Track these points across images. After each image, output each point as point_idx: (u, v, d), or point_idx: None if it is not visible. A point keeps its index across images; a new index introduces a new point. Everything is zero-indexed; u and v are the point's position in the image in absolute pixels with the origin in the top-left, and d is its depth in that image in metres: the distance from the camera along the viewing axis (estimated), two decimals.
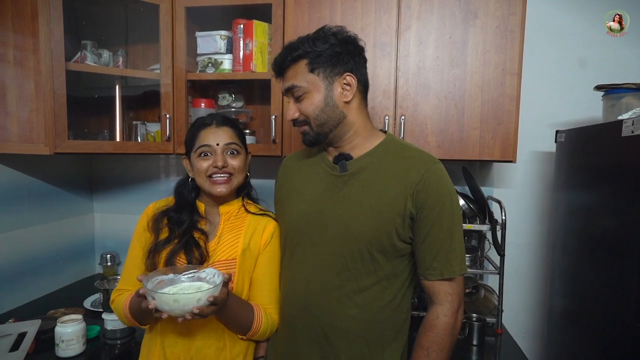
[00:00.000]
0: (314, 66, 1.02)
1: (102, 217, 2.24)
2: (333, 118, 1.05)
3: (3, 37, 1.52)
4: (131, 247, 1.19)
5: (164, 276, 1.02)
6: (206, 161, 1.13)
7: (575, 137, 1.58)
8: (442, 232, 1.01)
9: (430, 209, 1.00)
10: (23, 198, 1.79)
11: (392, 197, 1.02)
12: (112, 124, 1.86)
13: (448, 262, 1.01)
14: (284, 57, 1.06)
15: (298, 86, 1.04)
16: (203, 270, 1.04)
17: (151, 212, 1.19)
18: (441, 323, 1.01)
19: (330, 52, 1.02)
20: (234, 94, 1.89)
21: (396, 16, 1.55)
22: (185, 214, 1.16)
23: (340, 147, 1.10)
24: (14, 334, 1.28)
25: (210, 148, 1.13)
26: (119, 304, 1.13)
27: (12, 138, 1.56)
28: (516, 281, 1.93)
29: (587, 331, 1.45)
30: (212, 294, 0.92)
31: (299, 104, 1.06)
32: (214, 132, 1.14)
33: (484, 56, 1.52)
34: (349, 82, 1.04)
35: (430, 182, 1.01)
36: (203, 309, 0.92)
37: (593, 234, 1.44)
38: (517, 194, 1.91)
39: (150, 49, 1.90)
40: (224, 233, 1.17)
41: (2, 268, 1.70)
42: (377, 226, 1.01)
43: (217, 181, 1.13)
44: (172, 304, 0.91)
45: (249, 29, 1.69)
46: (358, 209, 1.03)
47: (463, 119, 1.55)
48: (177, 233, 1.13)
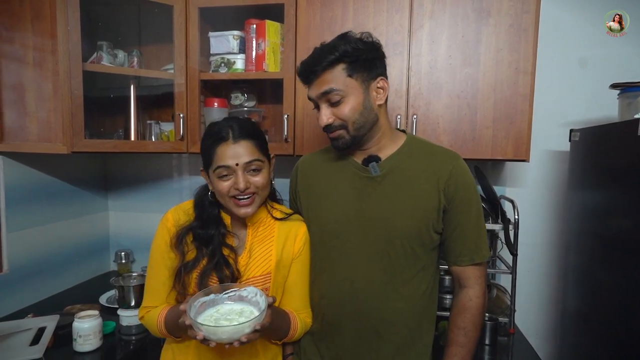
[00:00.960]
0: (351, 71, 1.03)
1: (116, 215, 2.28)
2: (369, 121, 1.07)
3: (23, 39, 1.56)
4: (154, 262, 1.12)
5: (205, 297, 0.98)
6: (226, 182, 1.04)
7: (590, 136, 1.56)
8: (471, 221, 1.10)
9: (459, 200, 1.08)
10: (41, 196, 1.83)
11: (426, 193, 1.08)
12: (127, 124, 1.89)
13: (477, 248, 1.10)
14: (318, 60, 1.04)
15: (337, 89, 1.03)
16: (244, 288, 1.01)
17: (171, 225, 1.10)
18: (474, 304, 1.10)
19: (365, 57, 1.04)
20: (247, 93, 1.90)
21: (408, 15, 1.55)
22: (211, 229, 1.09)
23: (368, 149, 1.13)
24: (34, 328, 1.31)
25: (229, 169, 1.03)
26: (150, 320, 1.10)
27: (31, 137, 1.60)
28: (529, 281, 1.92)
29: (601, 332, 1.44)
30: (258, 322, 0.90)
31: (335, 109, 1.05)
32: (233, 150, 1.02)
33: (497, 55, 1.52)
34: (382, 85, 1.08)
35: (458, 176, 1.09)
36: (250, 336, 0.91)
37: (607, 234, 1.42)
38: (530, 193, 1.89)
39: (164, 50, 1.93)
40: (254, 246, 1.12)
41: (21, 264, 1.74)
42: (416, 222, 1.08)
43: (241, 203, 1.05)
44: (220, 335, 0.89)
45: (261, 29, 1.71)
46: (397, 208, 1.08)
47: (475, 118, 1.55)
48: (205, 251, 1.07)
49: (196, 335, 0.90)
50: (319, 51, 1.06)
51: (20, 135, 1.61)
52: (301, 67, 1.09)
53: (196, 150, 1.78)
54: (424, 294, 1.13)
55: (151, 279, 1.13)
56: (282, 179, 1.40)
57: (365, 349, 1.11)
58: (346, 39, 1.05)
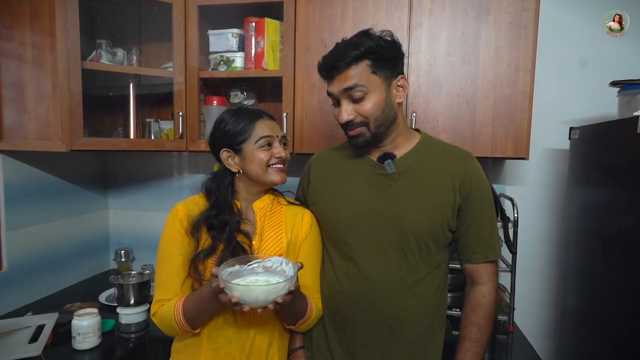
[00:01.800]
0: (376, 68, 1.04)
1: (116, 213, 2.28)
2: (389, 118, 1.09)
3: (22, 37, 1.56)
4: (166, 253, 1.11)
5: (231, 268, 1.00)
6: (268, 151, 1.13)
7: (590, 133, 1.56)
8: (485, 219, 1.12)
9: (474, 199, 1.10)
10: (41, 195, 1.84)
11: (441, 191, 1.10)
12: (126, 122, 1.89)
13: (491, 245, 1.12)
14: (342, 55, 1.03)
15: (361, 85, 1.03)
16: (269, 259, 1.04)
17: (183, 215, 1.11)
18: (487, 301, 1.12)
19: (388, 55, 1.05)
20: (246, 91, 1.90)
21: (408, 13, 1.55)
22: (226, 214, 1.11)
23: (384, 147, 1.14)
24: (33, 326, 1.31)
25: (272, 139, 1.13)
26: (166, 312, 1.07)
27: (31, 135, 1.60)
28: (529, 279, 1.91)
29: (601, 330, 1.44)
30: (292, 284, 0.94)
31: (357, 105, 1.06)
32: (270, 124, 1.14)
33: (496, 53, 1.51)
34: (402, 84, 1.09)
35: (473, 175, 1.11)
36: (285, 298, 0.93)
37: (607, 232, 1.42)
38: (530, 191, 1.89)
39: (164, 48, 1.93)
40: (264, 230, 1.15)
41: (20, 262, 1.74)
42: (432, 219, 1.09)
43: (278, 169, 1.15)
44: (257, 295, 0.90)
45: (260, 27, 1.70)
46: (412, 205, 1.09)
47: (475, 116, 1.54)
48: (222, 238, 1.09)
49: (231, 298, 0.91)
50: (342, 46, 1.05)
51: (19, 134, 1.61)
52: (323, 61, 1.07)
53: (195, 149, 1.78)
54: (436, 292, 1.14)
55: (163, 271, 1.12)
56: None
57: (379, 346, 1.12)
58: (369, 36, 1.05)
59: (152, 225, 2.17)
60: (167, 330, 1.11)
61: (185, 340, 1.14)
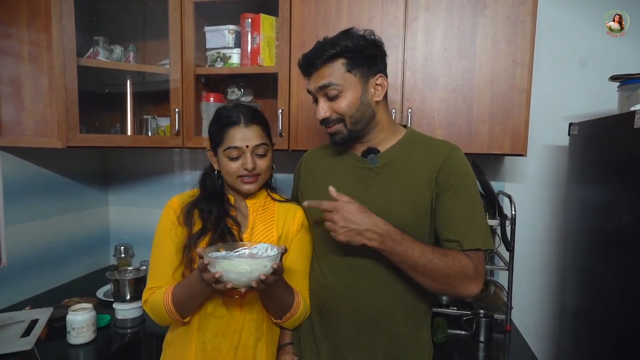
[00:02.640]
0: (351, 66, 1.05)
1: (116, 209, 2.29)
2: (365, 116, 1.08)
3: (19, 34, 1.57)
4: (159, 243, 1.15)
5: (217, 253, 1.01)
6: (235, 163, 1.11)
7: (589, 129, 1.53)
8: (461, 207, 1.06)
9: (449, 186, 1.06)
10: (40, 191, 1.85)
11: (421, 184, 1.08)
12: (123, 119, 1.90)
13: (465, 234, 1.04)
14: (319, 53, 1.06)
15: (335, 84, 1.05)
16: (255, 246, 1.05)
17: (177, 206, 1.16)
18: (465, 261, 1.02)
19: (366, 53, 1.05)
20: (243, 88, 1.90)
21: (403, 8, 1.53)
22: (215, 203, 1.16)
23: (367, 142, 1.14)
24: (27, 320, 1.32)
25: (240, 150, 1.11)
26: (155, 300, 1.09)
27: (28, 132, 1.61)
28: (528, 278, 1.89)
29: (601, 330, 1.41)
30: (275, 262, 0.95)
31: (332, 103, 1.07)
32: (243, 133, 1.11)
33: (493, 47, 1.49)
34: (381, 83, 1.09)
35: (452, 165, 1.08)
36: (268, 276, 0.94)
37: (607, 229, 1.39)
38: (529, 188, 1.86)
39: (161, 45, 1.93)
40: (256, 224, 1.18)
41: (20, 258, 1.76)
42: (413, 212, 1.07)
43: (246, 181, 1.13)
44: (241, 271, 0.92)
45: (256, 23, 1.70)
46: (394, 198, 1.08)
47: (472, 112, 1.52)
48: (211, 223, 1.12)
49: (214, 274, 0.92)
50: (320, 45, 1.07)
51: (17, 130, 1.63)
52: (302, 59, 1.10)
53: (192, 145, 1.79)
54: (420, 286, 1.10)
55: (156, 260, 1.15)
56: (276, 174, 1.38)
57: (364, 341, 1.11)
58: (348, 35, 1.06)
59: (152, 222, 2.11)
60: (157, 318, 1.12)
61: (176, 332, 1.16)
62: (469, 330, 1.55)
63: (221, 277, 0.93)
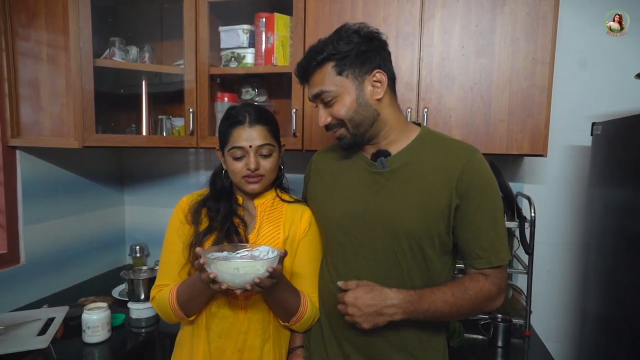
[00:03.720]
0: (341, 68, 1.00)
1: (132, 209, 2.31)
2: (368, 117, 1.03)
3: (37, 35, 1.59)
4: (168, 241, 1.17)
5: (219, 253, 1.02)
6: (239, 162, 1.11)
7: (613, 129, 1.48)
8: (487, 220, 1.02)
9: (473, 198, 1.00)
10: (57, 190, 1.88)
11: (437, 189, 1.02)
12: (139, 119, 1.91)
13: (494, 249, 1.01)
14: (308, 61, 1.03)
15: (327, 91, 1.02)
16: (257, 248, 1.05)
17: (186, 205, 1.18)
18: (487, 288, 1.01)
19: (356, 51, 1.00)
20: (257, 88, 1.89)
21: (420, 5, 1.50)
22: (223, 199, 1.17)
23: (377, 144, 1.09)
24: (43, 319, 1.34)
25: (243, 150, 1.10)
26: (162, 297, 1.11)
27: (46, 132, 1.63)
28: (548, 282, 1.84)
29: (623, 336, 1.36)
30: (271, 265, 0.94)
31: (330, 109, 1.04)
32: (247, 133, 1.10)
33: (512, 45, 1.45)
34: (379, 79, 1.03)
35: (473, 171, 1.01)
36: (263, 279, 0.93)
37: (631, 233, 1.34)
38: (550, 190, 1.81)
39: (176, 45, 1.93)
40: (263, 225, 1.16)
41: (38, 257, 1.78)
42: (426, 220, 1.02)
43: (250, 180, 1.12)
44: (233, 272, 0.92)
45: (270, 22, 1.69)
46: (405, 205, 1.03)
47: (490, 111, 1.49)
48: (218, 221, 1.13)
49: (209, 274, 0.92)
50: (309, 51, 1.04)
51: (35, 130, 1.65)
52: (296, 68, 1.08)
53: (206, 145, 1.79)
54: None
55: (165, 258, 1.17)
56: (290, 174, 1.37)
57: (375, 348, 1.08)
58: (338, 34, 1.02)
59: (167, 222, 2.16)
60: (164, 315, 1.14)
61: (185, 331, 1.17)
62: (486, 335, 1.51)
63: (216, 277, 0.92)
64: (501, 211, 1.05)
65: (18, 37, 1.63)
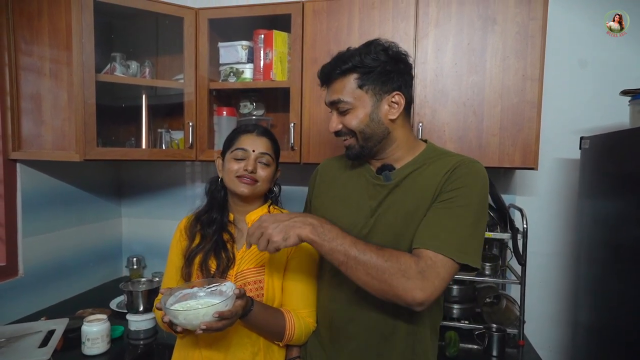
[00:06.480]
0: (363, 82, 1.02)
1: (129, 221, 2.32)
2: (377, 133, 1.05)
3: (41, 51, 1.62)
4: (168, 259, 1.25)
5: (188, 290, 1.04)
6: (238, 163, 1.18)
7: (601, 143, 1.53)
8: (445, 215, 0.97)
9: (446, 192, 0.99)
10: (56, 203, 1.89)
11: (427, 199, 1.02)
12: (138, 132, 1.94)
13: (436, 237, 0.94)
14: (333, 67, 1.05)
15: (344, 101, 1.04)
16: (224, 284, 1.05)
17: (183, 226, 1.26)
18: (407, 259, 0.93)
19: (381, 69, 1.01)
20: (255, 102, 1.93)
21: (414, 24, 1.56)
22: (215, 213, 1.23)
23: (383, 159, 1.11)
24: (44, 331, 1.34)
25: (246, 153, 1.18)
26: (157, 312, 1.20)
27: (47, 145, 1.65)
28: (541, 292, 1.87)
29: (616, 346, 1.39)
30: (218, 310, 0.93)
31: (343, 117, 1.06)
32: (253, 139, 1.19)
33: (503, 62, 1.51)
34: (397, 100, 1.04)
35: (457, 175, 1.00)
36: (211, 324, 0.93)
37: (620, 243, 1.38)
38: (540, 202, 1.86)
39: (176, 60, 1.98)
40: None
41: (36, 269, 1.79)
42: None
43: (243, 181, 1.17)
44: (180, 319, 0.94)
45: (269, 39, 1.74)
46: (404, 216, 1.04)
47: (482, 126, 1.54)
48: (208, 236, 1.19)
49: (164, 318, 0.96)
50: (336, 58, 1.06)
51: (36, 143, 1.67)
52: (320, 70, 1.10)
53: (205, 158, 1.82)
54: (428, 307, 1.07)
55: (167, 272, 1.25)
56: (287, 186, 1.41)
57: (373, 356, 1.09)
58: (368, 48, 1.03)
59: (164, 234, 2.20)
60: (160, 326, 1.18)
61: (182, 339, 1.19)
62: (481, 344, 1.54)
63: (170, 321, 0.95)
64: (471, 216, 0.97)
65: (21, 53, 1.66)
